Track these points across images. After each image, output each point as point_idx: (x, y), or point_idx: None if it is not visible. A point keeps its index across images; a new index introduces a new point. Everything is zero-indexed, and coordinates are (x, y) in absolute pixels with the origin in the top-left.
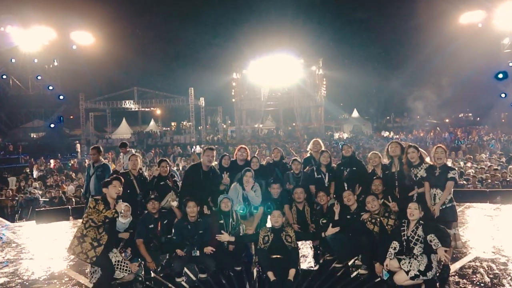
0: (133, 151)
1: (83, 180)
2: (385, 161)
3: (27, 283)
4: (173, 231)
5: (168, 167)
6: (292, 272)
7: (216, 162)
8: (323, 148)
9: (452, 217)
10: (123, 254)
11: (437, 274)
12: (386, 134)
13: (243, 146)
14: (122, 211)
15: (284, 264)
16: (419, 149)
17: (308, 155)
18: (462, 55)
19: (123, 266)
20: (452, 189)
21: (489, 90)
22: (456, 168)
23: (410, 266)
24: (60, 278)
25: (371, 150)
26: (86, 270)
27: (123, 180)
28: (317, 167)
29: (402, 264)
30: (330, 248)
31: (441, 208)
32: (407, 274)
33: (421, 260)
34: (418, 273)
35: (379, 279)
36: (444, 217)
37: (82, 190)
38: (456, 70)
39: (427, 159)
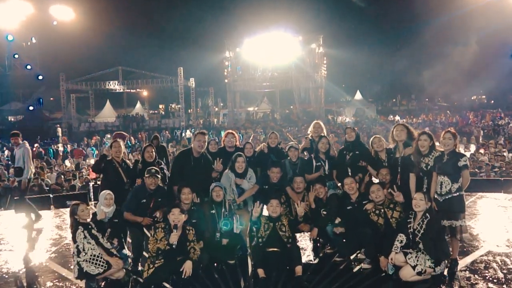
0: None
1: (65, 167)
2: (390, 146)
3: (6, 276)
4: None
5: (153, 153)
6: (298, 268)
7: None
8: (324, 132)
9: (459, 207)
10: (109, 245)
11: (446, 269)
12: (391, 117)
13: (231, 131)
14: (175, 243)
15: (280, 257)
16: (433, 138)
17: (310, 138)
18: (475, 31)
19: (99, 261)
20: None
21: (505, 71)
22: (467, 155)
23: (417, 260)
24: (41, 271)
25: (375, 135)
26: (71, 266)
27: (182, 207)
28: (316, 154)
29: (409, 259)
30: (330, 240)
31: (447, 197)
32: (414, 269)
33: (430, 258)
34: (425, 268)
35: (383, 274)
36: (451, 207)
37: (63, 177)
38: (469, 49)
39: (438, 147)
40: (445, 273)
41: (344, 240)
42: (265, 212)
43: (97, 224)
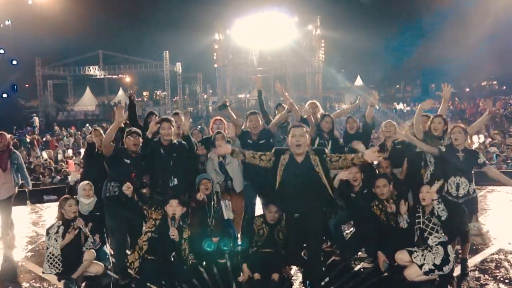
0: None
1: (42, 159)
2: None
3: None
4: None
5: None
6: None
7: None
8: (321, 110)
9: (474, 209)
10: (91, 243)
11: (457, 268)
12: (395, 105)
13: (219, 117)
14: (173, 236)
15: (275, 258)
16: (448, 123)
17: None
18: (485, 12)
19: (55, 262)
20: (473, 172)
21: None
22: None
23: (424, 259)
24: (16, 271)
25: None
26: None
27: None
28: (319, 131)
29: (414, 258)
30: (331, 236)
31: (466, 199)
32: (421, 269)
33: (436, 253)
34: (433, 267)
35: (385, 274)
36: (468, 208)
37: (42, 170)
38: (478, 31)
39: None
40: (454, 273)
41: (346, 239)
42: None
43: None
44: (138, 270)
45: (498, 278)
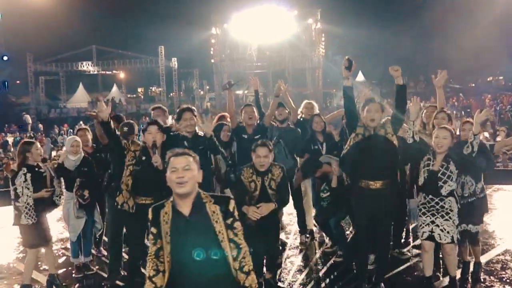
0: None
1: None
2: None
3: None
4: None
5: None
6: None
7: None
8: (317, 111)
9: (483, 209)
10: (79, 199)
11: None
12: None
13: (224, 113)
14: (156, 163)
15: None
16: (451, 118)
17: (300, 119)
18: (492, 4)
19: (30, 211)
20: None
21: None
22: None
23: (448, 232)
24: (8, 273)
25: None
26: (40, 267)
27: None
28: (312, 135)
29: (441, 239)
30: (331, 235)
31: (470, 200)
32: (453, 242)
33: (450, 209)
34: (456, 229)
35: (389, 274)
36: (473, 210)
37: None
38: (484, 24)
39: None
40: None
41: (347, 240)
42: None
43: (64, 173)
44: (135, 209)
45: (504, 279)
